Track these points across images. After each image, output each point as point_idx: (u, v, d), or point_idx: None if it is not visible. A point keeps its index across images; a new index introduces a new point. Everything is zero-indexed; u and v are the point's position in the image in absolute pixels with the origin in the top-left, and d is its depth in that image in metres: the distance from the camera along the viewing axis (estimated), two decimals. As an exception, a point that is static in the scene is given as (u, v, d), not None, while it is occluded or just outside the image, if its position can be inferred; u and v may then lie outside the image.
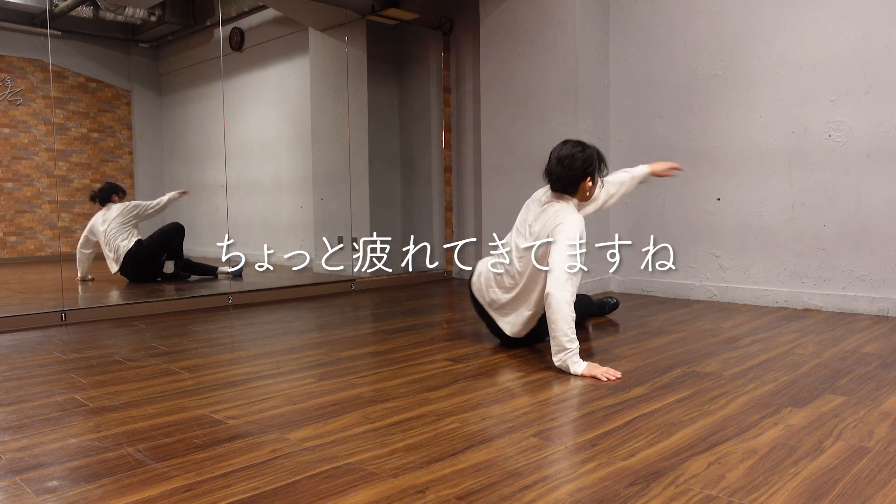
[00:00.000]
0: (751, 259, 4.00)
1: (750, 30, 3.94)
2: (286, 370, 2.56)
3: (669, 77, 4.30)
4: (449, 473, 1.52)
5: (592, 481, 1.47)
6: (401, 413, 1.98)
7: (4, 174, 5.20)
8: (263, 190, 6.22)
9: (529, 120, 4.62)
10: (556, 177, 2.60)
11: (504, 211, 4.83)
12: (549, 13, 4.45)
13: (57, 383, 2.36)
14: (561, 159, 2.58)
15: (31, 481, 1.51)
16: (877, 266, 3.56)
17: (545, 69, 4.51)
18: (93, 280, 4.95)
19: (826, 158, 3.70)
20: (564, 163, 2.57)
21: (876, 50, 3.51)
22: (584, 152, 2.59)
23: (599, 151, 2.65)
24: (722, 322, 3.43)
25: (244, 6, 5.94)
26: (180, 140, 6.25)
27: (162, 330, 3.40)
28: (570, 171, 2.57)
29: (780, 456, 1.62)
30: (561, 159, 2.58)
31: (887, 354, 2.66)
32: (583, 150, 2.59)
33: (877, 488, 1.43)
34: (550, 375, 2.41)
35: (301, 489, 1.45)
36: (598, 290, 4.57)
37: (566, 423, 1.88)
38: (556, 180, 2.61)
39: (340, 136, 5.48)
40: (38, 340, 3.15)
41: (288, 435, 1.79)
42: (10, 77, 5.19)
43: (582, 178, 2.60)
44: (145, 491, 1.44)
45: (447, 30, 5.54)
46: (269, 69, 6.13)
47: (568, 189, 2.62)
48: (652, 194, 4.41)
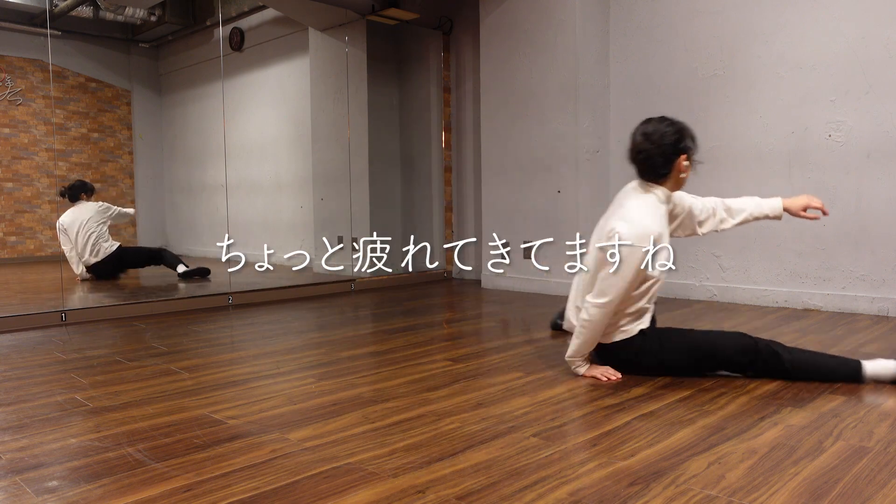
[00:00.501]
0: (751, 259, 4.00)
1: (750, 30, 3.94)
2: (286, 370, 2.56)
3: (669, 77, 4.30)
4: (449, 473, 1.52)
5: (592, 481, 1.47)
6: (401, 413, 1.98)
7: (4, 174, 5.20)
8: (263, 190, 6.22)
9: (529, 120, 4.62)
10: (644, 156, 2.24)
11: (504, 211, 4.83)
12: (549, 13, 4.45)
13: (57, 383, 2.36)
14: (648, 134, 2.23)
15: (31, 481, 1.51)
16: (877, 266, 3.56)
17: (545, 69, 4.51)
18: (92, 279, 4.98)
19: (826, 158, 3.70)
20: (653, 137, 2.22)
21: (876, 50, 3.51)
22: (673, 125, 2.25)
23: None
24: (722, 322, 3.43)
25: (244, 6, 5.94)
26: (180, 140, 6.25)
27: (162, 330, 3.40)
28: (660, 148, 2.21)
29: (780, 456, 1.62)
30: (648, 134, 2.23)
31: (887, 354, 2.66)
32: (671, 124, 2.26)
33: (877, 488, 1.43)
34: (550, 375, 2.41)
35: (301, 489, 1.45)
36: (598, 290, 4.57)
37: (566, 423, 1.88)
38: (646, 160, 2.25)
39: (340, 136, 5.48)
40: (38, 340, 3.15)
41: (288, 435, 1.79)
42: (10, 77, 5.19)
43: (675, 156, 2.24)
44: (145, 491, 1.44)
45: (447, 30, 5.53)
46: (269, 69, 6.13)
47: (661, 171, 2.25)
48: (652, 194, 4.41)
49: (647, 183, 2.30)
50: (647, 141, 2.23)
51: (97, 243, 4.93)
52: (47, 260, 5.35)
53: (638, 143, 2.26)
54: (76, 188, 5.05)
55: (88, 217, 4.95)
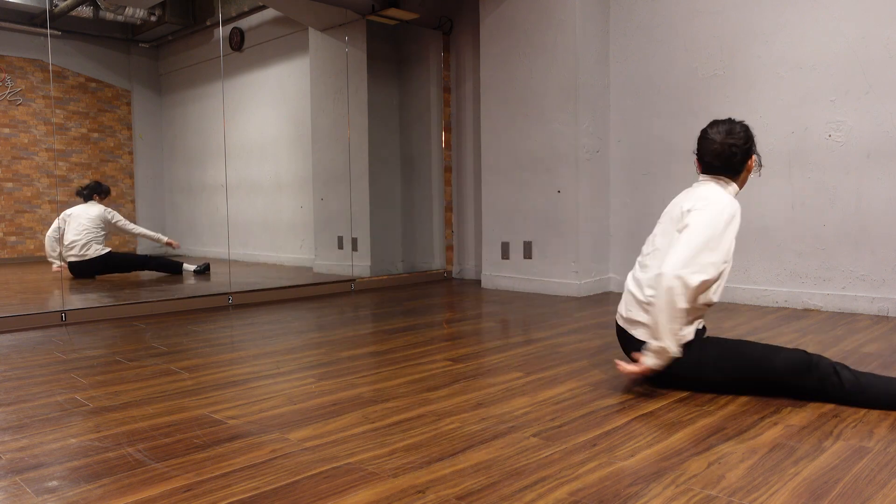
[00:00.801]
0: (751, 259, 4.00)
1: (750, 30, 3.94)
2: (286, 370, 2.56)
3: (669, 77, 4.30)
4: (449, 473, 1.52)
5: (592, 481, 1.47)
6: (401, 413, 1.98)
7: (4, 174, 5.20)
8: (263, 190, 6.21)
9: (529, 120, 4.62)
10: (730, 152, 2.21)
11: (504, 211, 4.83)
12: (549, 13, 4.45)
13: (57, 383, 2.36)
14: (732, 133, 2.22)
15: (31, 481, 1.51)
16: (877, 266, 3.56)
17: (545, 69, 4.51)
18: (67, 275, 5.01)
19: (826, 158, 3.70)
20: (737, 136, 2.22)
21: (876, 50, 3.51)
22: (746, 128, 2.26)
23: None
24: (722, 322, 3.43)
25: (244, 6, 5.94)
26: (180, 140, 6.25)
27: (162, 330, 3.40)
28: (739, 148, 2.22)
29: (780, 456, 1.62)
30: (732, 133, 2.22)
31: (887, 354, 2.66)
32: (745, 127, 2.26)
33: (877, 488, 1.43)
34: (550, 375, 2.41)
35: (301, 489, 1.45)
36: (598, 290, 4.57)
37: (566, 423, 1.88)
38: (730, 157, 2.22)
39: (340, 136, 5.48)
40: (38, 340, 3.15)
41: (288, 435, 1.79)
42: (10, 77, 5.18)
43: (748, 157, 2.25)
44: (145, 491, 1.44)
45: (447, 30, 5.53)
46: (269, 69, 6.13)
47: (739, 168, 2.25)
48: (652, 194, 4.41)
49: (721, 178, 2.27)
50: (732, 137, 2.22)
51: (88, 244, 4.97)
52: (47, 260, 5.34)
53: (717, 142, 2.23)
54: (91, 188, 5.16)
55: (90, 216, 4.99)
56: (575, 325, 3.41)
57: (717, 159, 2.25)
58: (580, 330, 3.29)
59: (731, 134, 2.23)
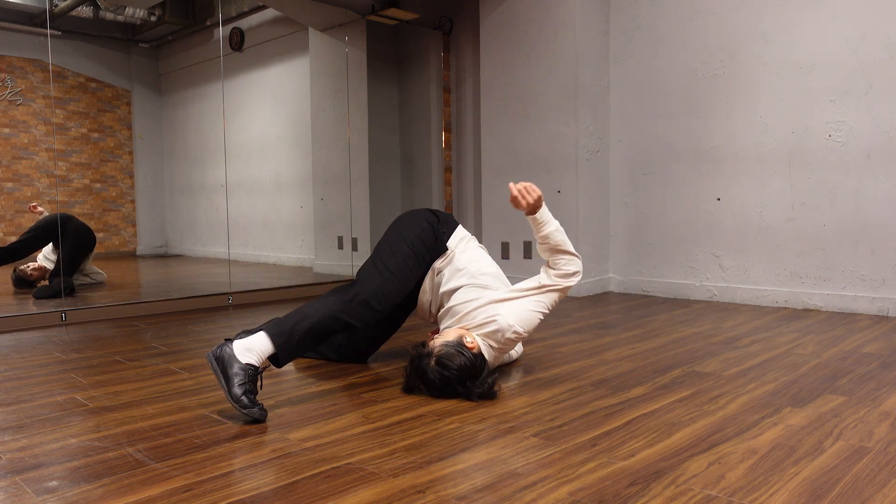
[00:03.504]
0: (751, 259, 4.00)
1: (750, 30, 3.94)
2: (286, 370, 2.56)
3: (669, 77, 4.30)
4: (449, 473, 1.52)
5: (592, 481, 1.47)
6: (401, 413, 1.98)
7: (4, 174, 5.20)
8: (263, 190, 6.21)
9: (529, 120, 4.62)
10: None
11: (504, 211, 4.83)
12: (549, 13, 4.45)
13: (57, 383, 2.36)
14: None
15: (31, 481, 1.51)
16: (877, 266, 3.56)
17: (545, 69, 4.51)
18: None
19: (826, 158, 3.70)
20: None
21: (876, 50, 3.51)
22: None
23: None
24: (722, 322, 3.43)
25: (244, 6, 5.94)
26: (180, 140, 6.25)
27: (162, 330, 3.40)
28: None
29: (780, 456, 1.62)
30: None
31: (887, 354, 2.66)
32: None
33: (877, 488, 1.43)
34: (550, 375, 2.41)
35: (301, 489, 1.45)
36: (598, 290, 4.57)
37: (566, 423, 1.88)
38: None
39: (340, 136, 5.49)
40: (38, 340, 3.15)
41: (288, 435, 1.79)
42: (10, 77, 5.19)
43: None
44: (145, 491, 1.44)
45: (447, 30, 5.53)
46: (269, 69, 6.13)
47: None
48: (652, 194, 4.41)
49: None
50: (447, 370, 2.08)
51: (50, 259, 4.80)
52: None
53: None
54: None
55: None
56: (575, 325, 3.41)
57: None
58: (580, 330, 3.29)
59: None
